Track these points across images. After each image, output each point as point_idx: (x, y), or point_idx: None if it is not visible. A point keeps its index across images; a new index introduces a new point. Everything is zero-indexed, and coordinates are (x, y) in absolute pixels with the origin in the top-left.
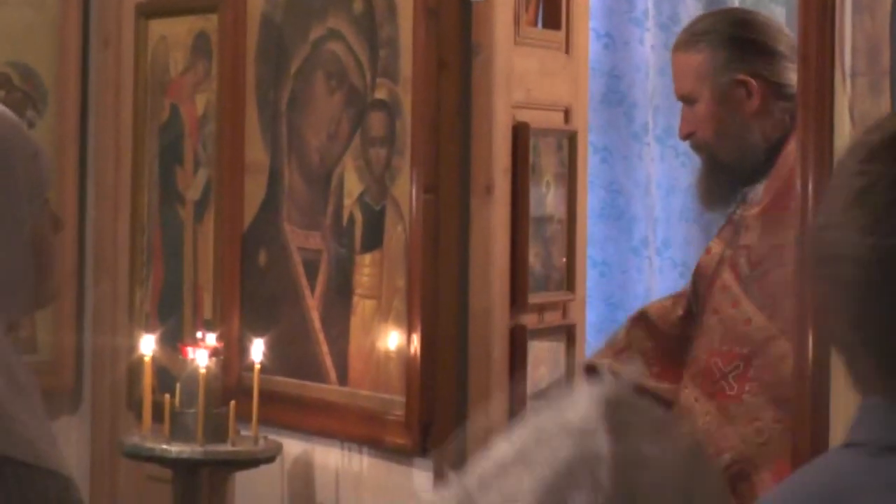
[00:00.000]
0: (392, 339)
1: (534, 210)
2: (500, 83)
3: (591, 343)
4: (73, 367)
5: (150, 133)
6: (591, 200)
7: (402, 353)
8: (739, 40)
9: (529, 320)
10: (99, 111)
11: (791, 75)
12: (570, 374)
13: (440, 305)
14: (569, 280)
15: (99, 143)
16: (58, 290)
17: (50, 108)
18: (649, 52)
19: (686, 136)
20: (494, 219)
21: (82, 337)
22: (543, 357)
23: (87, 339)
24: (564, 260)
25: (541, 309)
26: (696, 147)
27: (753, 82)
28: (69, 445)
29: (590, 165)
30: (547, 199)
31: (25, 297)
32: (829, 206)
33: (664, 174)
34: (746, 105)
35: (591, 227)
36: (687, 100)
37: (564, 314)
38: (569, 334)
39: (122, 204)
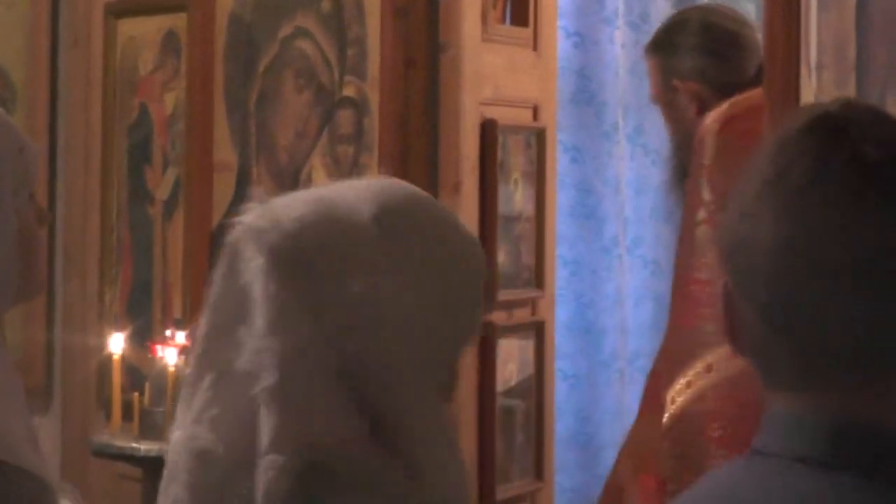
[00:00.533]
0: None
1: (502, 207)
2: (468, 80)
3: (561, 341)
4: (43, 366)
5: (119, 132)
6: (561, 199)
7: None
8: (683, 45)
9: (498, 317)
10: (68, 110)
11: (747, 67)
12: (538, 371)
13: None
14: (538, 277)
15: (68, 143)
16: (43, 283)
17: (19, 107)
18: (619, 50)
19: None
20: (462, 216)
21: (52, 336)
22: (512, 354)
23: (57, 338)
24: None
25: (510, 306)
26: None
27: (685, 87)
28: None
29: (560, 164)
30: (515, 196)
31: (9, 291)
32: (742, 197)
33: (634, 173)
34: (689, 109)
35: (561, 225)
36: (655, 103)
37: (534, 311)
38: (538, 332)
39: (91, 203)
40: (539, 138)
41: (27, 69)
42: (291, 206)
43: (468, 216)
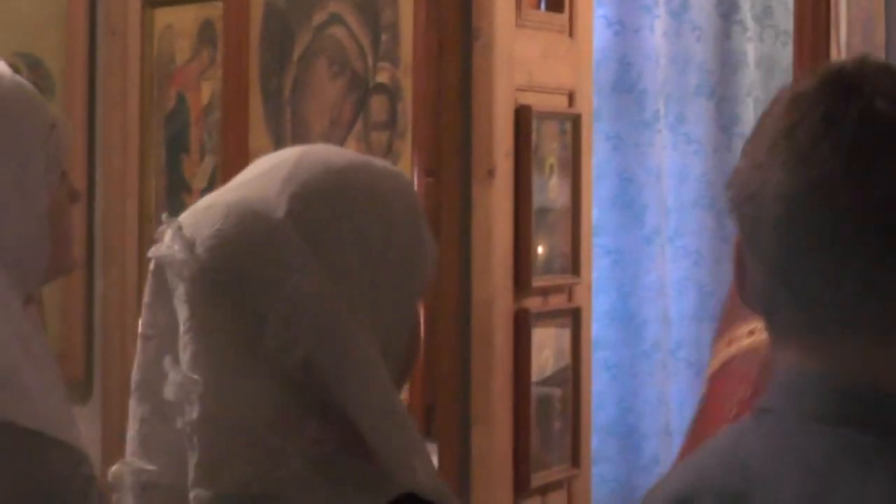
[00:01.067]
0: None
1: (537, 193)
2: (502, 66)
3: (602, 331)
4: (83, 357)
5: (156, 122)
6: (602, 189)
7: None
8: None
9: (533, 304)
10: (106, 101)
11: None
12: (575, 358)
13: (442, 289)
14: (574, 264)
15: (106, 133)
16: (75, 260)
17: (57, 98)
18: (661, 39)
19: None
20: (496, 202)
21: (92, 327)
22: (548, 342)
23: (97, 329)
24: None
25: (545, 292)
26: None
27: None
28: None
29: (601, 153)
30: (550, 182)
31: (42, 268)
32: (754, 149)
33: (676, 162)
34: None
35: (602, 215)
36: None
37: (570, 298)
38: (574, 318)
39: (129, 193)
40: (574, 124)
41: (65, 60)
42: (205, 219)
43: (502, 202)
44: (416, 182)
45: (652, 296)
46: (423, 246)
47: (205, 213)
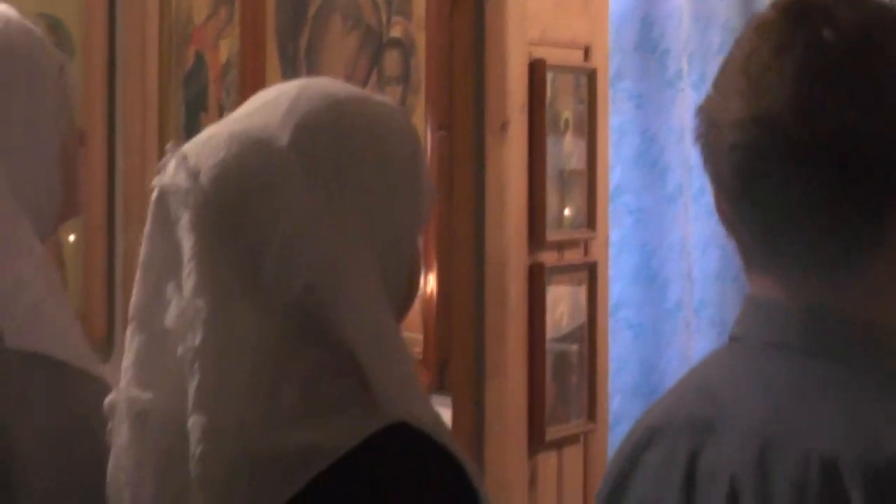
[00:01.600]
0: None
1: (551, 148)
2: (515, 20)
3: (625, 290)
4: (104, 317)
5: (175, 82)
6: (625, 148)
7: (419, 293)
8: None
9: (548, 258)
10: (126, 61)
11: None
12: (591, 312)
13: (456, 243)
14: (590, 218)
15: (126, 94)
16: (81, 204)
17: (77, 59)
18: None
19: None
20: (510, 156)
21: (113, 287)
22: (564, 297)
23: (117, 288)
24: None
25: (560, 247)
26: None
27: None
28: None
29: (624, 112)
30: (566, 137)
31: (55, 212)
32: (719, 78)
33: None
34: None
35: (625, 174)
36: None
37: (586, 252)
38: (591, 273)
39: (149, 153)
40: (590, 79)
41: (84, 21)
42: (209, 149)
43: (516, 156)
44: (428, 136)
45: (675, 255)
46: (422, 180)
47: (208, 142)
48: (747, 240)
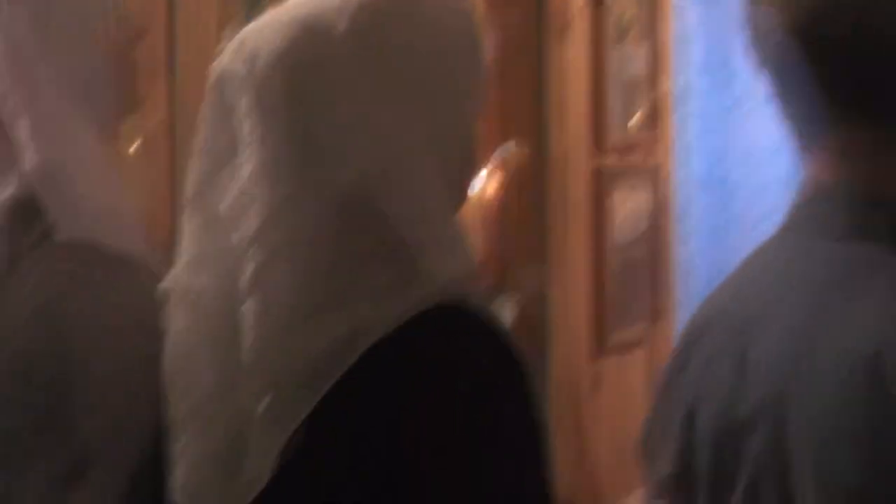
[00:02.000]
0: None
1: (612, 48)
2: None
3: (690, 196)
4: (168, 228)
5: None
6: (693, 53)
7: (481, 195)
8: None
9: (611, 161)
10: None
11: None
12: (654, 216)
13: (518, 144)
14: (653, 121)
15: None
16: (140, 100)
17: None
18: None
19: None
20: (571, 58)
21: (175, 198)
22: (628, 200)
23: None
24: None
25: (623, 151)
26: None
27: None
28: None
29: (691, 17)
30: (628, 37)
31: (111, 107)
32: None
33: None
34: None
35: (692, 79)
36: None
37: (650, 156)
38: (654, 176)
39: (208, 55)
40: None
41: None
42: (266, 35)
43: (577, 58)
44: (488, 37)
45: (743, 161)
46: (480, 70)
47: (266, 29)
48: (797, 126)
